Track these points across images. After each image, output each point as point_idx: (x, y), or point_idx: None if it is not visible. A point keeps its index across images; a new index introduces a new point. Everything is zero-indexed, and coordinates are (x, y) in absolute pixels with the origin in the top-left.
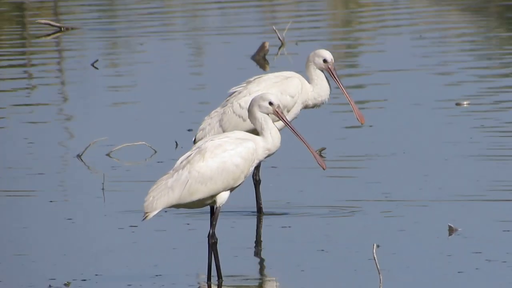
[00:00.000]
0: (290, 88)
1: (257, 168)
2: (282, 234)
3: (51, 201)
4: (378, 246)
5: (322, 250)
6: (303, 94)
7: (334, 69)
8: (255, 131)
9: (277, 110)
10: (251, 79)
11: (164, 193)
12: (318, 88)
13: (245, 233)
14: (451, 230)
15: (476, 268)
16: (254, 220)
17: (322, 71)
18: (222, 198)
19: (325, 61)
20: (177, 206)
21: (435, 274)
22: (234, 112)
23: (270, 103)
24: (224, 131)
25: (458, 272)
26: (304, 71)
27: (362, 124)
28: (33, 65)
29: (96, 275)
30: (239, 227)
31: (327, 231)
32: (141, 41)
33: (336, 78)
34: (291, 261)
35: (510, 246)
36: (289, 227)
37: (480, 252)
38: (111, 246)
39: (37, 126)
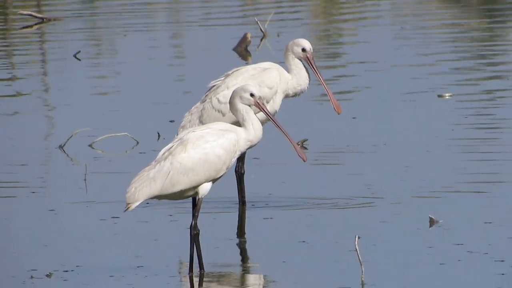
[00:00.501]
0: (268, 79)
1: (242, 161)
2: (264, 225)
3: (33, 192)
4: (358, 237)
5: (304, 242)
6: (283, 84)
7: (313, 58)
8: (236, 125)
9: (258, 101)
10: (229, 72)
11: (146, 184)
12: (297, 77)
13: (227, 225)
14: (432, 222)
15: (458, 260)
16: (236, 211)
17: (300, 60)
18: (204, 189)
19: (303, 50)
20: (159, 197)
21: (416, 265)
22: (213, 107)
23: (252, 95)
24: None
25: (440, 264)
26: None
27: (339, 114)
28: (15, 55)
29: (78, 266)
30: (221, 218)
31: (309, 222)
32: (124, 32)
33: (314, 67)
34: (273, 252)
35: (491, 238)
36: (271, 218)
37: (462, 244)
38: (93, 237)
39: (19, 117)
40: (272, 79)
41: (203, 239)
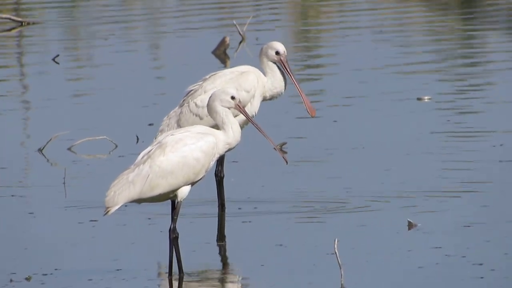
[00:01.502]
0: (246, 83)
1: (221, 164)
2: (243, 229)
3: (12, 195)
4: (338, 240)
5: (281, 245)
6: (260, 87)
7: (287, 61)
8: (214, 128)
9: (238, 104)
10: (207, 76)
11: (125, 188)
12: (272, 80)
13: (205, 228)
14: (410, 225)
15: (436, 263)
16: (214, 215)
17: (275, 63)
18: (183, 192)
19: (277, 53)
20: (139, 201)
21: (395, 269)
22: (191, 111)
23: (233, 97)
24: None
25: (419, 267)
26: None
27: (312, 116)
28: None
29: (56, 269)
30: (199, 221)
31: (287, 226)
32: (104, 35)
33: (288, 70)
34: (251, 256)
35: (470, 241)
36: (250, 222)
37: (440, 247)
38: (72, 240)
39: None
40: (250, 83)
41: (181, 243)
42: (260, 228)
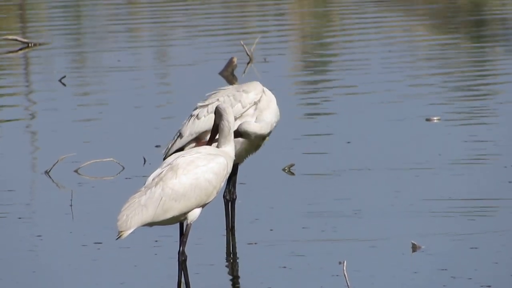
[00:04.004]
0: (247, 88)
1: (233, 186)
2: (248, 251)
3: (19, 218)
4: (340, 262)
5: (285, 267)
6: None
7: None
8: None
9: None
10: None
11: (138, 211)
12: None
13: (210, 250)
14: (414, 248)
15: (444, 285)
16: (220, 237)
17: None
18: (194, 214)
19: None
20: (150, 224)
21: None
22: (191, 116)
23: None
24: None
25: None
26: (271, 84)
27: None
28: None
29: None
30: (204, 244)
31: (293, 248)
32: (116, 57)
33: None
34: (258, 278)
35: (476, 263)
36: (255, 244)
37: (446, 269)
38: (79, 263)
39: (4, 143)
40: (249, 97)
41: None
42: (265, 250)
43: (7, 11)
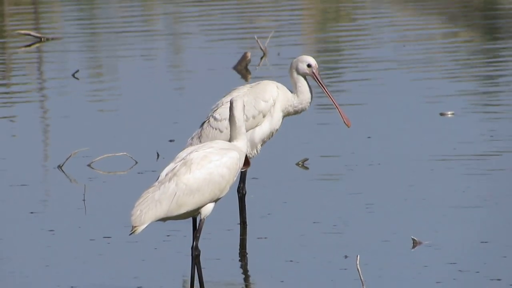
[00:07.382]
0: (264, 93)
1: (243, 182)
2: (259, 245)
3: (31, 212)
4: (346, 256)
5: (293, 261)
6: (282, 101)
7: (319, 73)
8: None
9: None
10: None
11: (151, 207)
12: (300, 95)
13: (219, 244)
14: (415, 243)
15: (454, 279)
16: (229, 231)
17: (305, 77)
18: (207, 209)
19: (309, 66)
20: (164, 219)
21: (411, 284)
22: (210, 126)
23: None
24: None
25: (436, 282)
26: (284, 79)
27: (348, 127)
28: (13, 75)
29: (72, 287)
30: (214, 238)
31: (303, 242)
32: (124, 50)
33: (321, 82)
34: (269, 272)
35: (485, 257)
36: (265, 238)
37: (454, 263)
38: (90, 257)
39: (17, 137)
40: (268, 93)
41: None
42: (277, 244)
43: (20, 6)
